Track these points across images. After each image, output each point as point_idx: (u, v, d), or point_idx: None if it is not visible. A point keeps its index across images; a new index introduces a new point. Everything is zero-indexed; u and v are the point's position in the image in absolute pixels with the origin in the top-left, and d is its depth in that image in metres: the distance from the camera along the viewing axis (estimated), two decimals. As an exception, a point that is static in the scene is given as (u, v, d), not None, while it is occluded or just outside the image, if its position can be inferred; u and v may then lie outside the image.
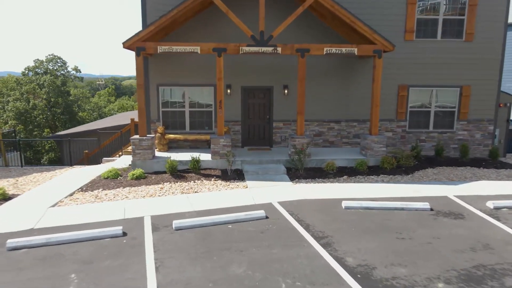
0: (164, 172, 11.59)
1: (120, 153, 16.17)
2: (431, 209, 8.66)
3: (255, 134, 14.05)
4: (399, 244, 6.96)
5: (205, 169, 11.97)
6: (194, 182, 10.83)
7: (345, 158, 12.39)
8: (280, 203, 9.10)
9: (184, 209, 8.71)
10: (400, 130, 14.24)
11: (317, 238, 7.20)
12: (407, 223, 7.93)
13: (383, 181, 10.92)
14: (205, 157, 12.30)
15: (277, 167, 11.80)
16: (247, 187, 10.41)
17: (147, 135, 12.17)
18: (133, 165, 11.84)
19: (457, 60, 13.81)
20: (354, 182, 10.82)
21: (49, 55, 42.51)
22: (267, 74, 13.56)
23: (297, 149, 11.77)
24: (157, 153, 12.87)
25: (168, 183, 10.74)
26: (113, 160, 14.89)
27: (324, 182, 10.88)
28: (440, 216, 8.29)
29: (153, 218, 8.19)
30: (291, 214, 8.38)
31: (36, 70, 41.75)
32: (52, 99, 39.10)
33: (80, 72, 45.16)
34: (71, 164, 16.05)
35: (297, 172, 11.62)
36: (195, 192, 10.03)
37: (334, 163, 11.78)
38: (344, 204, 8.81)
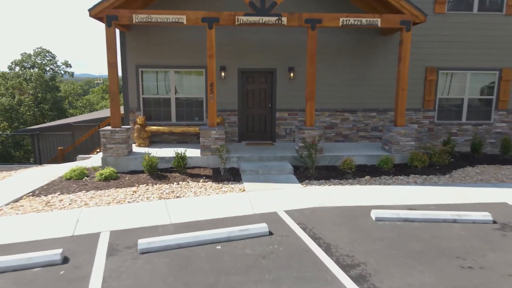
0: (142, 172, 9.33)
1: (99, 150, 13.92)
2: (494, 221, 6.40)
3: (254, 126, 11.79)
4: (468, 279, 4.70)
5: (193, 167, 9.72)
6: (178, 184, 8.57)
7: (364, 155, 10.12)
8: (288, 212, 6.84)
9: (159, 221, 6.46)
10: (428, 122, 11.97)
11: (344, 267, 4.94)
12: (468, 242, 5.67)
13: (416, 183, 8.66)
14: (194, 153, 10.05)
15: (281, 165, 9.54)
16: (244, 190, 8.15)
17: (122, 126, 9.91)
18: (103, 163, 9.58)
19: (496, 38, 11.54)
20: (379, 184, 8.56)
21: (37, 48, 40.33)
22: (269, 54, 11.29)
23: (306, 143, 9.51)
24: (136, 149, 10.61)
25: (145, 185, 8.48)
26: (90, 157, 12.61)
27: (341, 184, 8.62)
28: (509, 232, 6.03)
29: (113, 234, 5.93)
30: (304, 229, 6.13)
31: (23, 64, 39.47)
32: (40, 95, 36.89)
33: (71, 66, 43.01)
34: (40, 162, 13.80)
35: (307, 171, 9.36)
36: (177, 197, 7.76)
37: (352, 161, 9.52)
38: (375, 214, 6.55)
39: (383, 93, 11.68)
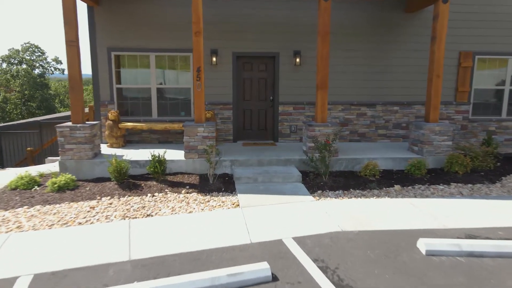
0: (110, 180, 7.33)
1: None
2: None
3: (253, 122, 9.81)
4: None
5: (175, 173, 7.73)
6: (153, 196, 6.58)
7: (388, 157, 8.13)
8: (298, 240, 4.85)
9: (113, 256, 4.46)
10: (461, 118, 9.98)
11: None
12: None
13: (462, 195, 6.68)
14: (178, 155, 8.06)
15: (286, 170, 7.56)
16: (238, 205, 6.17)
17: (86, 122, 7.92)
18: (61, 168, 7.58)
19: (544, 16, 9.56)
20: (415, 196, 6.57)
21: (25, 43, 38.29)
22: (270, 35, 9.30)
23: (318, 143, 7.51)
24: (107, 150, 8.61)
25: (109, 198, 6.49)
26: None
27: (364, 195, 6.63)
28: None
29: (37, 281, 3.93)
30: (324, 270, 4.14)
31: (11, 60, 37.45)
32: (27, 92, 34.90)
33: (62, 63, 40.93)
34: (2, 165, 11.82)
35: (319, 178, 7.37)
36: (148, 215, 5.77)
37: (376, 165, 7.52)
38: (425, 245, 4.55)
39: (408, 82, 9.70)
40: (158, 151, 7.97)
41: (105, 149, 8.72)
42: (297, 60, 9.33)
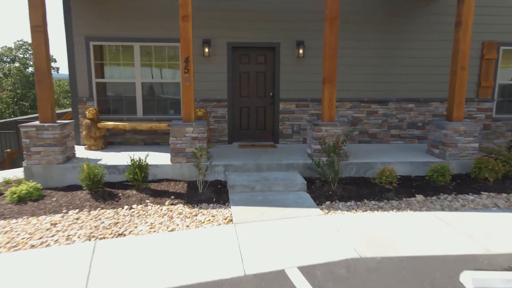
0: (83, 188, 6.27)
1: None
2: None
3: (250, 121, 8.75)
4: None
5: (160, 180, 6.67)
6: (130, 208, 5.53)
7: (406, 162, 7.07)
8: (305, 270, 3.79)
9: (63, 296, 3.40)
10: (483, 116, 8.92)
11: None
12: None
13: (498, 207, 5.62)
14: (162, 159, 7.00)
15: (288, 177, 6.50)
16: (231, 220, 5.11)
17: (57, 121, 6.87)
18: (26, 174, 6.53)
19: None
20: (442, 209, 5.51)
21: (18, 41, 37.21)
22: (270, 23, 8.24)
23: (326, 146, 6.45)
24: (84, 153, 7.55)
25: (77, 211, 5.43)
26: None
27: (382, 208, 5.57)
28: None
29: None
30: (342, 318, 3.07)
31: (3, 58, 36.38)
32: (19, 91, 33.85)
33: (56, 61, 39.84)
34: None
35: (326, 186, 6.32)
36: (120, 234, 4.71)
37: (393, 171, 6.46)
38: (472, 281, 3.48)
39: (424, 77, 8.64)
40: (141, 154, 6.92)
41: (82, 151, 7.66)
42: (300, 51, 8.27)
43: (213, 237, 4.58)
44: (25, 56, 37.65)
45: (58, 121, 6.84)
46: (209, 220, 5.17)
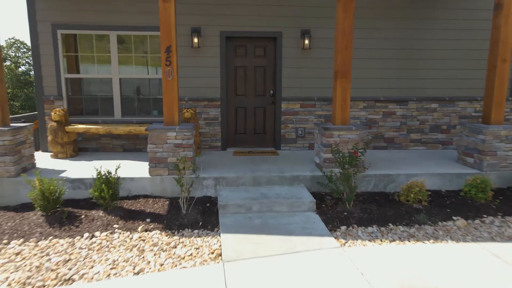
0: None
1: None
2: None
3: (247, 124, 7.53)
4: None
5: (136, 197, 5.45)
6: (92, 237, 4.32)
7: (434, 173, 5.84)
8: None
9: None
10: (518, 118, 7.72)
11: None
12: None
13: None
14: (140, 170, 5.78)
15: (293, 193, 5.27)
16: (220, 255, 3.89)
17: (10, 125, 5.65)
18: (-31, 191, 5.30)
19: None
20: (492, 239, 4.29)
21: (10, 39, 36.03)
22: (270, 9, 7.03)
23: (339, 155, 5.20)
24: (48, 162, 6.33)
25: (21, 241, 4.21)
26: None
27: (414, 236, 4.35)
28: None
29: None
30: None
31: (-6, 56, 35.12)
32: (10, 91, 32.64)
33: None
34: None
35: (340, 205, 5.09)
36: (68, 280, 3.49)
37: (423, 187, 5.22)
38: None
39: (450, 72, 7.42)
40: (116, 164, 5.71)
41: (46, 160, 6.43)
42: (306, 42, 7.05)
43: (193, 286, 3.35)
44: (17, 55, 36.48)
45: (11, 125, 5.62)
46: (191, 254, 3.95)
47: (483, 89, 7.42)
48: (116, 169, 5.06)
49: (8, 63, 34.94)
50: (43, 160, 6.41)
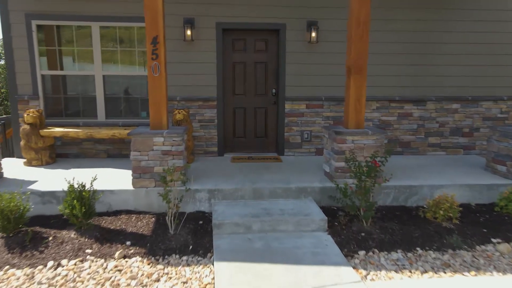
0: None
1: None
2: None
3: (247, 126, 6.75)
4: None
5: (116, 213, 4.68)
6: (57, 266, 3.54)
7: (462, 184, 5.07)
8: None
9: None
10: (549, 120, 6.94)
11: None
12: None
13: None
14: (123, 181, 5.01)
15: (300, 208, 4.50)
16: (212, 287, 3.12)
17: (-29, 128, 4.86)
18: None
19: None
20: (546, 269, 3.51)
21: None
22: (272, -3, 6.27)
23: (355, 165, 4.42)
24: (19, 171, 5.55)
25: (-31, 273, 3.43)
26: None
27: (448, 265, 3.58)
28: None
29: None
30: None
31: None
32: (4, 90, 31.85)
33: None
34: None
35: (356, 223, 4.32)
36: (14, 331, 2.71)
37: (454, 202, 4.43)
38: None
39: (474, 69, 6.66)
40: (97, 173, 4.94)
41: (18, 169, 5.66)
42: (313, 34, 6.28)
43: None
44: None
45: (-28, 128, 4.84)
46: (177, 290, 3.17)
47: (510, 88, 6.66)
48: (92, 181, 4.28)
49: (2, 62, 34.19)
50: (14, 168, 5.63)
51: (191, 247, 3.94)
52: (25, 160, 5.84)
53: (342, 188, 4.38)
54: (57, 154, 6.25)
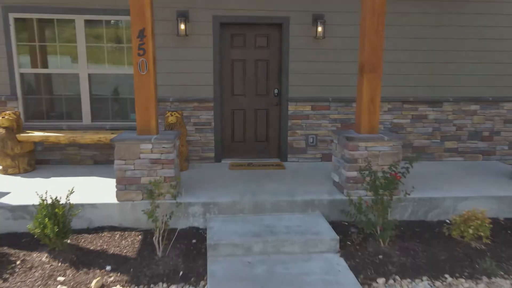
0: (-37, 246, 3.70)
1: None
2: None
3: (247, 130, 6.18)
4: None
5: (98, 230, 4.13)
6: (21, 299, 2.96)
7: (488, 196, 4.50)
8: None
9: None
10: None
11: None
12: None
13: None
14: (106, 193, 4.44)
15: (307, 225, 3.94)
16: None
17: None
18: None
19: None
20: None
21: None
22: (275, -12, 5.71)
23: (372, 177, 3.84)
24: (-7, 180, 4.99)
25: None
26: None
27: (485, 297, 3.01)
28: None
29: None
30: None
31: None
32: None
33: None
34: None
35: (371, 242, 3.76)
36: None
37: (485, 219, 3.86)
38: None
39: (496, 66, 6.09)
40: (80, 183, 4.37)
41: (-9, 177, 5.09)
42: (319, 29, 5.71)
43: None
44: None
45: None
46: (161, 335, 2.60)
47: (534, 88, 6.11)
48: (69, 194, 3.72)
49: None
50: (-11, 177, 5.07)
51: (181, 273, 3.38)
52: (0, 168, 5.27)
53: (356, 202, 3.82)
54: (37, 161, 5.69)
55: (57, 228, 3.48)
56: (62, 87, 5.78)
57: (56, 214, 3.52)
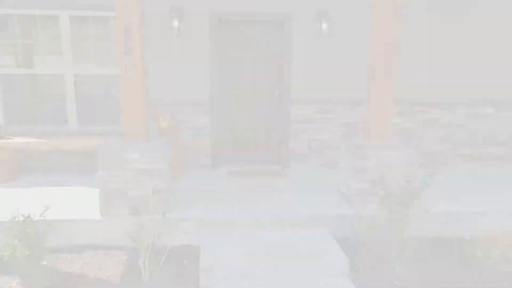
0: None
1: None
2: None
3: (246, 134, 5.75)
4: None
5: (79, 249, 3.70)
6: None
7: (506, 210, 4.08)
8: None
9: None
10: None
11: None
12: None
13: None
14: (90, 206, 4.01)
15: (313, 245, 3.53)
16: None
17: None
18: None
19: None
20: None
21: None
22: (276, -19, 5.28)
23: (387, 190, 3.41)
24: (-33, 190, 4.56)
25: None
26: None
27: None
28: None
29: None
30: None
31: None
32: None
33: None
34: None
35: (386, 265, 3.33)
36: None
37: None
38: None
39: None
40: (63, 194, 3.95)
41: (-34, 188, 4.67)
42: (324, 26, 5.29)
43: None
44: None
45: None
46: None
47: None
48: (43, 211, 3.29)
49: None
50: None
51: (170, 299, 2.96)
52: (-23, 176, 4.85)
53: (369, 220, 3.39)
54: (20, 169, 5.26)
55: (27, 251, 3.05)
56: (46, 88, 5.36)
57: (28, 234, 3.09)
